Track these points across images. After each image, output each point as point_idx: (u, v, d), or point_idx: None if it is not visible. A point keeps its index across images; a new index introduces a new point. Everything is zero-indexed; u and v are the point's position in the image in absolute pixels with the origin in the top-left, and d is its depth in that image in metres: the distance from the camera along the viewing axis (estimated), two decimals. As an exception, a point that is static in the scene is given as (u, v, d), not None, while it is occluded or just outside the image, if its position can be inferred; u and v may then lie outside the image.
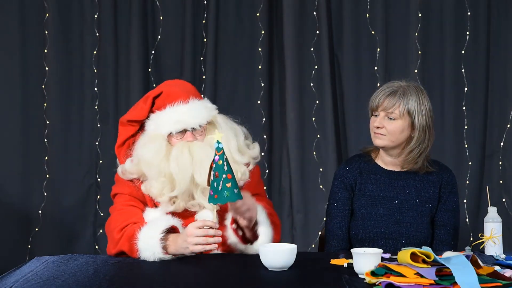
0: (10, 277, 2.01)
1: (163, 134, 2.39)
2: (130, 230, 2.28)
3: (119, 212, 2.38)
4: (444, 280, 1.79)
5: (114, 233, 2.31)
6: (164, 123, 2.39)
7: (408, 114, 2.52)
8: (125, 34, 3.96)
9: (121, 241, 2.28)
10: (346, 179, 2.65)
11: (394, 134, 2.53)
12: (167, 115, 2.39)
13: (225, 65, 3.97)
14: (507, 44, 3.92)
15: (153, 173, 2.34)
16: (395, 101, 2.52)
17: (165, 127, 2.38)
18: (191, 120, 2.38)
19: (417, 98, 2.53)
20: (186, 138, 2.39)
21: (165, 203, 2.35)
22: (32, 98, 3.94)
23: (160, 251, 2.21)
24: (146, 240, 2.23)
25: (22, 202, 3.93)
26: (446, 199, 2.61)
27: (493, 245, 2.31)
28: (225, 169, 2.18)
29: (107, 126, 3.96)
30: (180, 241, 2.23)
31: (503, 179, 3.94)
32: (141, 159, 2.36)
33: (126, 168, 2.40)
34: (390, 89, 2.55)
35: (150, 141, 2.39)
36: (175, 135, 2.39)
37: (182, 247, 2.22)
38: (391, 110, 2.52)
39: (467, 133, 3.93)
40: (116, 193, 2.45)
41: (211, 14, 3.93)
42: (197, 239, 2.19)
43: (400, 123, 2.53)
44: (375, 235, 2.57)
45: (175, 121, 2.37)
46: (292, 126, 3.91)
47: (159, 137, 2.39)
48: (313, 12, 3.94)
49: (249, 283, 1.93)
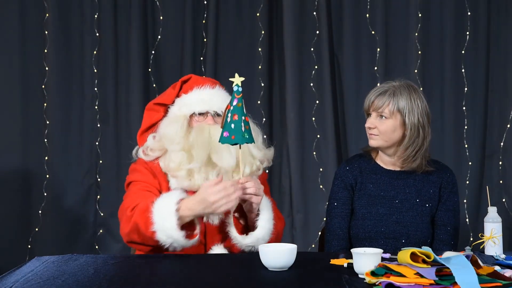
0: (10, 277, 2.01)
1: (185, 114, 2.45)
2: (143, 205, 2.28)
3: (133, 195, 2.38)
4: (444, 280, 1.79)
5: (127, 211, 2.30)
6: (188, 103, 2.46)
7: (399, 113, 2.53)
8: (125, 34, 3.96)
9: (134, 216, 2.27)
10: (347, 178, 2.65)
11: (386, 134, 2.54)
12: (192, 96, 2.47)
13: (225, 65, 3.97)
14: (507, 44, 3.92)
15: (173, 147, 2.40)
16: (384, 100, 2.53)
17: (189, 107, 2.45)
18: (214, 103, 2.45)
19: (408, 96, 2.53)
20: (207, 121, 2.44)
21: (182, 178, 2.38)
22: (32, 98, 3.94)
23: (176, 221, 2.20)
24: (161, 210, 2.23)
25: (22, 202, 3.93)
26: (446, 199, 2.61)
27: (493, 245, 2.31)
28: (244, 112, 2.25)
29: (107, 126, 3.97)
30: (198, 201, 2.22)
31: (503, 179, 3.94)
32: (163, 136, 2.42)
33: (148, 145, 2.44)
34: (380, 89, 2.57)
35: (173, 120, 2.45)
36: (197, 117, 2.45)
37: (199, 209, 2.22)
38: (382, 110, 2.53)
39: (467, 133, 3.93)
40: (131, 181, 2.46)
41: (211, 14, 3.94)
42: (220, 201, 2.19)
43: (391, 122, 2.53)
44: (375, 235, 2.57)
45: (199, 100, 2.45)
46: (292, 126, 3.91)
47: (181, 117, 2.45)
48: (313, 12, 3.95)
49: (249, 283, 1.93)
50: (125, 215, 2.31)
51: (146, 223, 2.24)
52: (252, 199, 2.30)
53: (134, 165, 2.50)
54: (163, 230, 2.22)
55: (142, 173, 2.44)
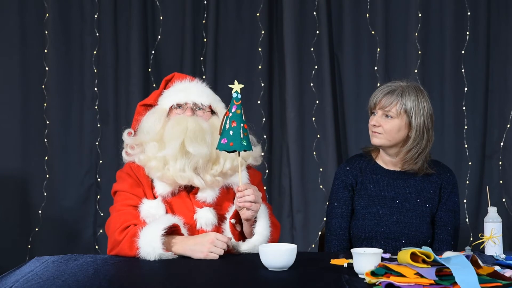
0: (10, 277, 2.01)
1: (164, 107, 2.46)
2: (133, 231, 2.28)
3: (118, 213, 2.38)
4: (444, 280, 1.79)
5: (115, 234, 2.30)
6: (168, 96, 2.48)
7: (406, 114, 2.53)
8: (125, 34, 3.96)
9: (123, 242, 2.28)
10: (347, 178, 2.65)
11: (390, 133, 2.54)
12: (172, 89, 2.49)
13: (225, 65, 3.97)
14: (507, 44, 3.92)
15: (148, 138, 2.40)
16: (392, 100, 2.52)
17: (168, 99, 2.47)
18: (193, 94, 2.46)
19: (415, 98, 2.53)
20: (186, 112, 2.44)
21: (155, 169, 2.37)
22: (32, 98, 3.94)
23: (160, 246, 2.20)
24: (147, 237, 2.23)
25: (22, 202, 3.93)
26: (446, 199, 2.61)
27: (493, 245, 2.31)
28: (243, 119, 2.23)
29: (107, 126, 3.97)
30: (192, 244, 2.24)
31: (503, 179, 3.94)
32: (140, 129, 2.44)
33: (126, 143, 2.45)
34: (388, 88, 2.56)
35: (151, 114, 2.46)
36: (176, 109, 2.45)
37: (194, 249, 2.23)
38: (388, 109, 2.53)
39: (467, 133, 3.93)
40: (116, 191, 2.46)
41: (211, 14, 3.93)
42: (215, 249, 2.22)
43: (397, 122, 2.53)
44: (376, 235, 2.57)
45: (177, 91, 2.46)
46: (292, 126, 3.91)
47: (160, 109, 2.46)
48: (313, 12, 3.94)
49: (249, 283, 1.93)
50: (114, 238, 2.30)
51: (131, 248, 2.25)
52: (252, 207, 2.28)
53: (120, 172, 2.49)
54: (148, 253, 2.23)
55: (126, 182, 2.44)
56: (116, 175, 2.50)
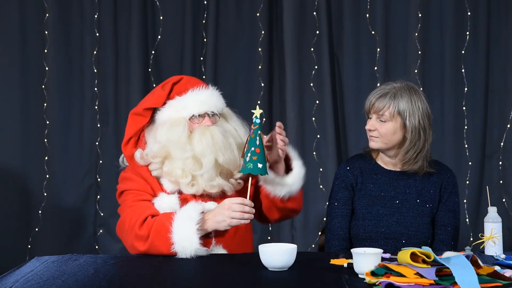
0: (10, 277, 2.01)
1: (185, 116, 2.43)
2: (158, 224, 2.28)
3: (130, 209, 2.36)
4: (444, 280, 1.79)
5: (135, 229, 2.29)
6: (187, 105, 2.44)
7: (399, 116, 2.52)
8: (125, 34, 3.96)
9: (151, 237, 2.26)
10: (347, 178, 2.65)
11: (386, 136, 2.54)
12: (191, 98, 2.45)
13: (225, 65, 3.97)
14: (507, 44, 3.92)
15: (179, 152, 2.39)
16: (385, 103, 2.52)
17: (188, 109, 2.44)
18: (213, 104, 2.46)
19: (408, 99, 2.52)
20: (205, 122, 2.44)
21: (185, 185, 2.39)
22: (32, 98, 3.94)
23: (197, 241, 2.24)
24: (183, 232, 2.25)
25: (22, 202, 3.93)
26: (446, 199, 2.61)
27: (493, 245, 2.31)
28: (257, 143, 2.29)
29: (107, 126, 3.97)
30: (212, 219, 2.29)
31: (503, 179, 3.94)
32: (167, 141, 2.39)
33: (151, 152, 2.40)
34: (381, 91, 2.56)
35: (173, 124, 2.42)
36: (196, 119, 2.44)
37: (217, 220, 2.28)
38: (381, 112, 2.52)
39: (467, 133, 3.93)
40: (123, 191, 2.44)
41: (211, 14, 3.94)
42: (235, 213, 2.26)
43: (391, 125, 2.53)
44: (376, 235, 2.57)
45: (199, 103, 2.43)
46: (292, 126, 3.91)
47: (181, 120, 2.43)
48: (313, 12, 3.94)
49: (249, 283, 1.93)
50: (135, 234, 2.29)
51: (166, 245, 2.26)
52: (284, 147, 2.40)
53: (124, 174, 2.47)
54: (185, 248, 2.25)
55: (133, 181, 2.42)
56: (120, 177, 2.48)
